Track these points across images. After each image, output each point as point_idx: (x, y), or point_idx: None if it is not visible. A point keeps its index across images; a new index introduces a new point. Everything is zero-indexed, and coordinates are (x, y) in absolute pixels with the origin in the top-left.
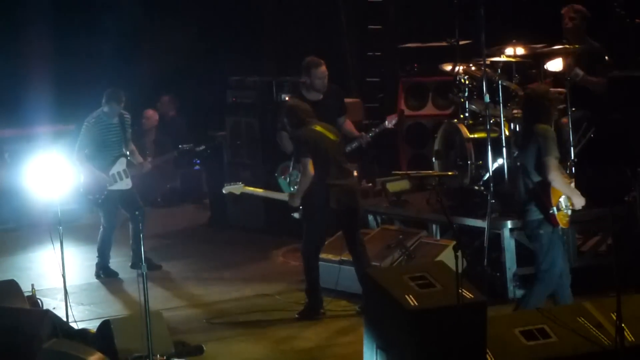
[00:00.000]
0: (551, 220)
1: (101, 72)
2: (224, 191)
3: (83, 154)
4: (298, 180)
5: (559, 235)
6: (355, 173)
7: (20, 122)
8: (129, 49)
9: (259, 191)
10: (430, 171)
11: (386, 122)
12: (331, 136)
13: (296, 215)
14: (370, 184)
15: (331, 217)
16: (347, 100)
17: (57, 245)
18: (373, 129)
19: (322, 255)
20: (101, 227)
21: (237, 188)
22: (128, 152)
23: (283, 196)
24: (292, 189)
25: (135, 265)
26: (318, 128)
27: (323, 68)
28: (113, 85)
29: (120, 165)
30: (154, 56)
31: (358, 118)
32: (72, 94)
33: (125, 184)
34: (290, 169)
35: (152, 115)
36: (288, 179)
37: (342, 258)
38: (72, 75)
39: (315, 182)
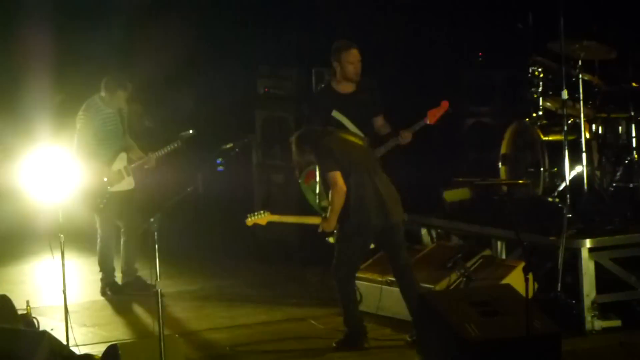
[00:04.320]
0: None
1: (109, 63)
2: (247, 223)
3: (86, 152)
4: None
5: None
6: None
7: (16, 115)
8: (139, 35)
9: (288, 219)
10: (496, 179)
11: (426, 119)
12: (357, 141)
13: (331, 239)
14: None
15: (371, 235)
16: None
17: (58, 255)
18: (412, 126)
19: (364, 275)
20: (98, 237)
21: (262, 218)
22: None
23: (315, 220)
24: (317, 200)
25: (122, 288)
26: (341, 135)
27: (355, 51)
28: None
29: (121, 161)
30: (168, 44)
31: None
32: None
33: (128, 183)
34: (317, 187)
35: None
36: (315, 188)
37: (389, 279)
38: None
39: (349, 197)
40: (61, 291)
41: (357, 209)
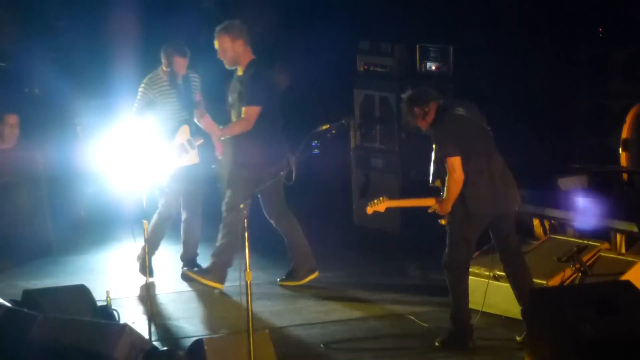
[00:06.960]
0: None
1: (198, 40)
2: (367, 212)
3: (141, 125)
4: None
5: None
6: None
7: (100, 94)
8: (232, 10)
9: (404, 203)
10: (616, 166)
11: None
12: (477, 120)
13: (443, 221)
14: None
15: (482, 224)
16: None
17: (140, 243)
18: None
19: (470, 268)
20: (156, 214)
21: (380, 204)
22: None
23: (430, 202)
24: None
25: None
26: (460, 112)
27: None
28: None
29: (183, 134)
30: (263, 17)
31: None
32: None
33: (191, 157)
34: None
35: None
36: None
37: (497, 273)
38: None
39: (466, 183)
40: (144, 281)
41: (473, 198)
